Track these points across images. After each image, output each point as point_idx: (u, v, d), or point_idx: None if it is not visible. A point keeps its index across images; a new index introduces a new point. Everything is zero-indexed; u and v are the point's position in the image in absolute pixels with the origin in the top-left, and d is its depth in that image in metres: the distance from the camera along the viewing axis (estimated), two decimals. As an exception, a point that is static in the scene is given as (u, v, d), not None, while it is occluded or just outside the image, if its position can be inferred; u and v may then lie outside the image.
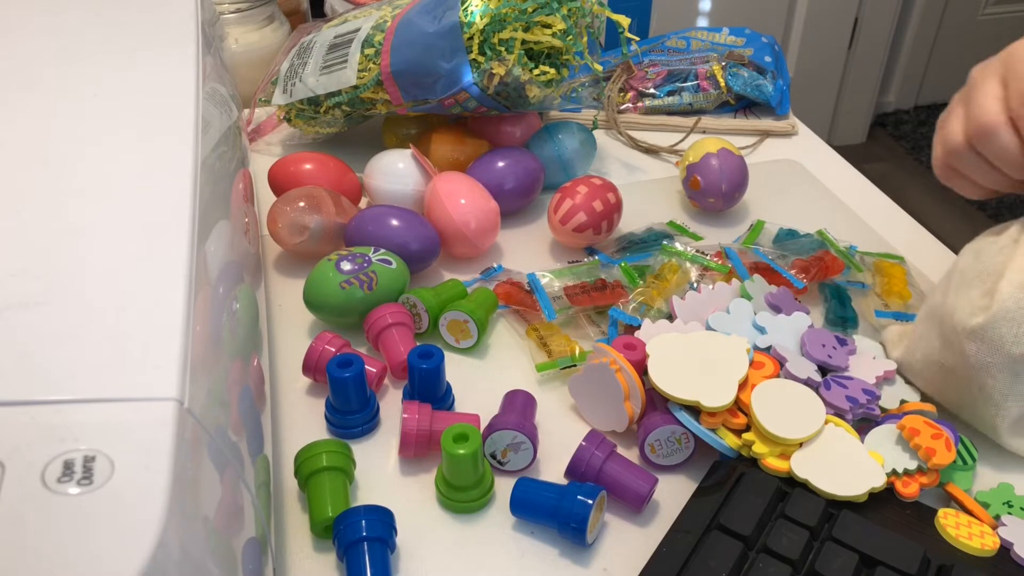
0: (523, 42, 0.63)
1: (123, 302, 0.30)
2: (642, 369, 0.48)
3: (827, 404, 0.46)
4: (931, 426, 0.44)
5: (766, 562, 0.39)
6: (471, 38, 0.62)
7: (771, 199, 0.71)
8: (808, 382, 0.47)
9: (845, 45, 2.11)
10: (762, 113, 0.83)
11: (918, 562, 0.39)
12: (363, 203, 0.68)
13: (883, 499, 0.43)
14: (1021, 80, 0.45)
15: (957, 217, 2.00)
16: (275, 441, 0.49)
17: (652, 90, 0.83)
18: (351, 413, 0.48)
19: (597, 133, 0.79)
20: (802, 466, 0.43)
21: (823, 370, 0.49)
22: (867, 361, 0.51)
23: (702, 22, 1.93)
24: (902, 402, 0.49)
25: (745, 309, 0.52)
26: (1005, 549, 0.41)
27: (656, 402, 0.47)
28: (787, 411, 0.45)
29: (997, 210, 2.03)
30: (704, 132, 0.80)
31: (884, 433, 0.45)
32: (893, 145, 2.30)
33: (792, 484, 0.43)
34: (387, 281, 0.54)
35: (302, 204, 0.59)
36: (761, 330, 0.50)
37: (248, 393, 0.37)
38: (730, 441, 0.45)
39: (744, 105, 0.84)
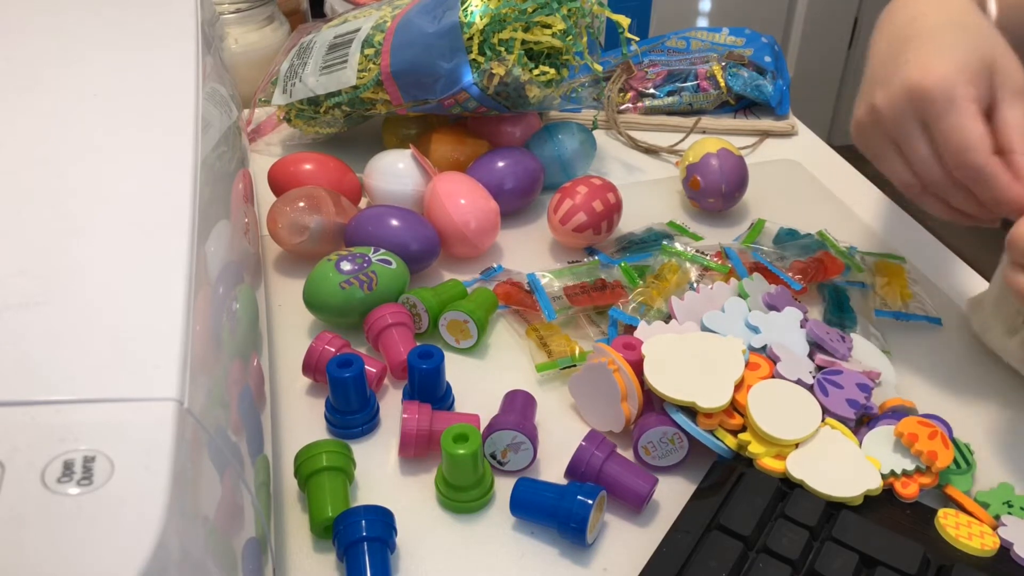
0: (523, 42, 0.63)
1: (123, 302, 0.30)
2: (641, 369, 0.48)
3: (830, 413, 0.46)
4: (925, 425, 0.44)
5: (766, 562, 0.39)
6: (471, 38, 0.62)
7: (771, 199, 0.71)
8: (799, 383, 0.47)
9: (845, 45, 2.11)
10: (762, 113, 0.83)
11: (918, 562, 0.39)
12: (363, 203, 0.68)
13: (883, 499, 0.43)
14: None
15: (957, 217, 2.00)
16: (275, 441, 0.49)
17: (652, 90, 0.83)
18: (351, 413, 0.48)
19: (597, 133, 0.79)
20: (798, 467, 0.43)
21: (818, 367, 0.49)
22: (861, 356, 0.51)
23: (702, 22, 1.93)
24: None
25: (740, 308, 0.52)
26: (1005, 549, 0.41)
27: (654, 403, 0.47)
28: (783, 412, 0.45)
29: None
30: (704, 132, 0.80)
31: (881, 436, 0.45)
32: (893, 145, 2.30)
33: (792, 484, 0.43)
34: (387, 281, 0.54)
35: (302, 204, 0.59)
36: (755, 330, 0.50)
37: (248, 393, 0.37)
38: (728, 442, 0.45)
39: (744, 105, 0.84)
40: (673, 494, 0.45)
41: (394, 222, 0.58)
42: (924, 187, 0.47)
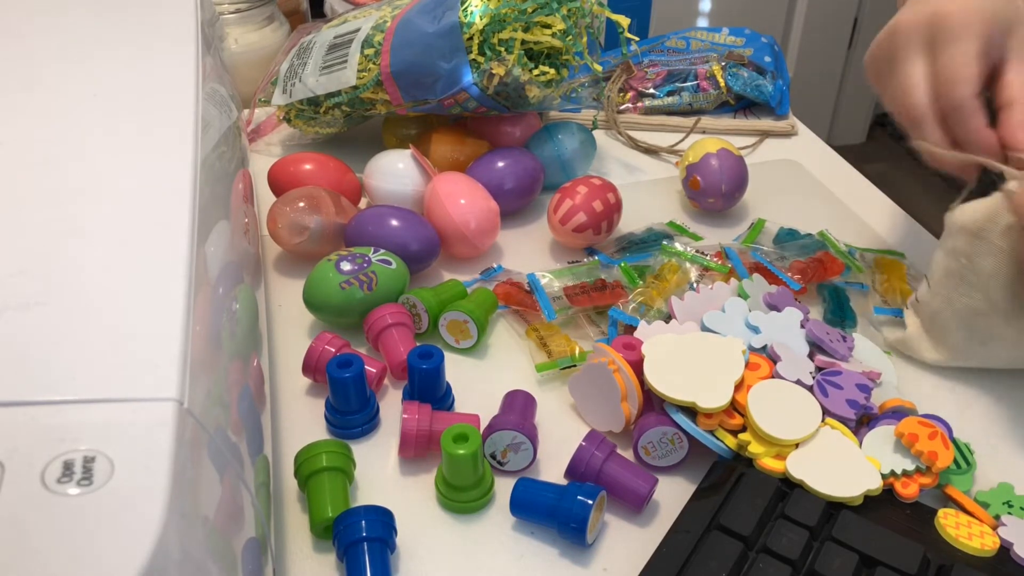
0: (523, 42, 0.63)
1: (123, 302, 0.30)
2: (641, 369, 0.48)
3: (830, 413, 0.46)
4: (925, 425, 0.44)
5: (766, 562, 0.39)
6: (471, 38, 0.62)
7: (771, 199, 0.71)
8: (798, 383, 0.47)
9: (845, 45, 2.11)
10: (762, 113, 0.83)
11: (918, 562, 0.39)
12: (363, 203, 0.68)
13: (883, 499, 0.43)
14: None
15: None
16: (275, 441, 0.49)
17: (652, 90, 0.83)
18: (351, 413, 0.48)
19: (597, 133, 0.79)
20: (798, 467, 0.43)
21: (817, 367, 0.49)
22: (862, 357, 0.51)
23: (702, 22, 1.93)
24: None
25: (740, 308, 0.52)
26: (1005, 549, 0.41)
27: (654, 403, 0.47)
28: (783, 412, 0.45)
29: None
30: (704, 132, 0.80)
31: (881, 436, 0.45)
32: (893, 145, 2.30)
33: (792, 484, 0.43)
34: (387, 281, 0.54)
35: (302, 204, 0.59)
36: (755, 330, 0.50)
37: (248, 393, 0.37)
38: (728, 442, 0.45)
39: (744, 105, 0.84)
40: (673, 494, 0.45)
41: (394, 222, 0.58)
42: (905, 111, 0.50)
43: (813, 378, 0.47)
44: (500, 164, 0.65)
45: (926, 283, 0.52)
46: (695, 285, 0.55)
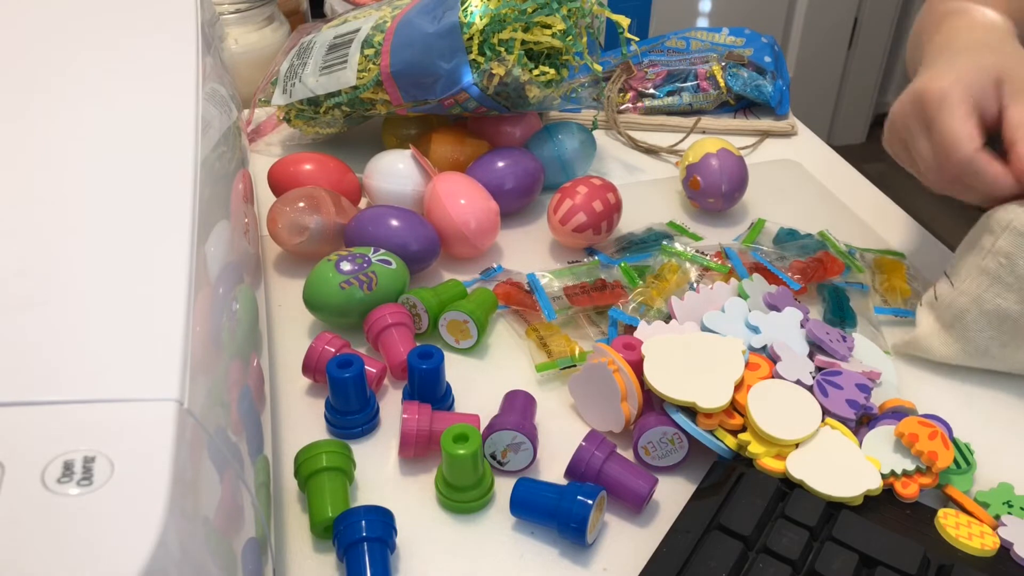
0: (523, 42, 0.63)
1: (123, 302, 0.30)
2: (641, 369, 0.48)
3: (830, 413, 0.46)
4: (925, 425, 0.44)
5: (766, 562, 0.39)
6: (471, 38, 0.62)
7: (771, 199, 0.71)
8: (798, 383, 0.47)
9: (845, 45, 2.11)
10: (762, 113, 0.83)
11: (918, 562, 0.39)
12: (363, 203, 0.68)
13: (883, 499, 0.43)
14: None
15: (957, 216, 2.00)
16: (275, 441, 0.49)
17: (652, 90, 0.83)
18: (351, 413, 0.48)
19: (597, 133, 0.79)
20: (798, 467, 0.43)
21: (817, 367, 0.49)
22: (862, 357, 0.51)
23: (702, 22, 1.93)
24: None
25: (740, 308, 0.52)
26: (1005, 549, 0.41)
27: (654, 403, 0.47)
28: (783, 412, 0.45)
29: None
30: (704, 132, 0.80)
31: (881, 436, 0.45)
32: (893, 145, 2.30)
33: (792, 484, 0.43)
34: (387, 281, 0.54)
35: (302, 204, 0.59)
36: (755, 330, 0.50)
37: (248, 393, 0.37)
38: (728, 442, 0.45)
39: (744, 105, 0.84)
40: (673, 494, 0.45)
41: (394, 222, 0.58)
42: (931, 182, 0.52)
43: (813, 378, 0.47)
44: (500, 164, 0.65)
45: (948, 281, 0.52)
46: (695, 285, 0.55)
